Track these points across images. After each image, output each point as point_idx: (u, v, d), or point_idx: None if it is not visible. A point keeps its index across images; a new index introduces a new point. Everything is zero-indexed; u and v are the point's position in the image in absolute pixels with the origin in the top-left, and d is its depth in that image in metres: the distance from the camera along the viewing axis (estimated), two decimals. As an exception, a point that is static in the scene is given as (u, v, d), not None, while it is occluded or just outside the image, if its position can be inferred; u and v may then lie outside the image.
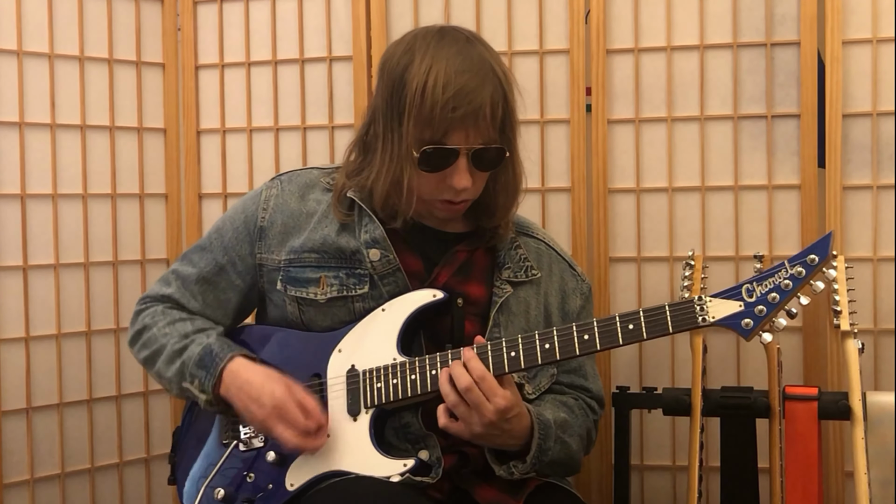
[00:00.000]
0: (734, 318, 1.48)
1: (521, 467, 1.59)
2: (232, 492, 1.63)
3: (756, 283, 1.48)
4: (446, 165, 1.59)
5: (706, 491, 1.95)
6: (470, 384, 1.49)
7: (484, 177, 1.65)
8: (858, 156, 2.08)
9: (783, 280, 1.47)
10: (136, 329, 1.77)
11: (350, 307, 1.67)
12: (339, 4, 2.30)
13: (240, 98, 2.36)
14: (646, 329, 1.50)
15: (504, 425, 1.52)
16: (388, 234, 1.68)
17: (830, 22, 2.06)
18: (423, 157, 1.59)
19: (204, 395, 1.64)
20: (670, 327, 1.50)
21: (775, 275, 1.48)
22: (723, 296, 1.49)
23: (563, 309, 1.76)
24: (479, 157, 1.60)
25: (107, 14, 2.31)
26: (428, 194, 1.63)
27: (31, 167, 2.21)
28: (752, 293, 1.48)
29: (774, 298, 1.47)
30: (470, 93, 1.56)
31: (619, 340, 1.51)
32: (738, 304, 1.48)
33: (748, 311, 1.48)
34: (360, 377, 1.61)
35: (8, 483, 2.18)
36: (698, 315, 1.49)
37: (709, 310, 1.49)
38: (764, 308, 1.47)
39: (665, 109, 2.17)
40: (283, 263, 1.70)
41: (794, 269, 1.47)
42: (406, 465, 1.56)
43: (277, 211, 1.73)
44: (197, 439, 1.73)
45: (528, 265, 1.74)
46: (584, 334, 1.53)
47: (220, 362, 1.64)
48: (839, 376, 2.04)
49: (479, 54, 1.60)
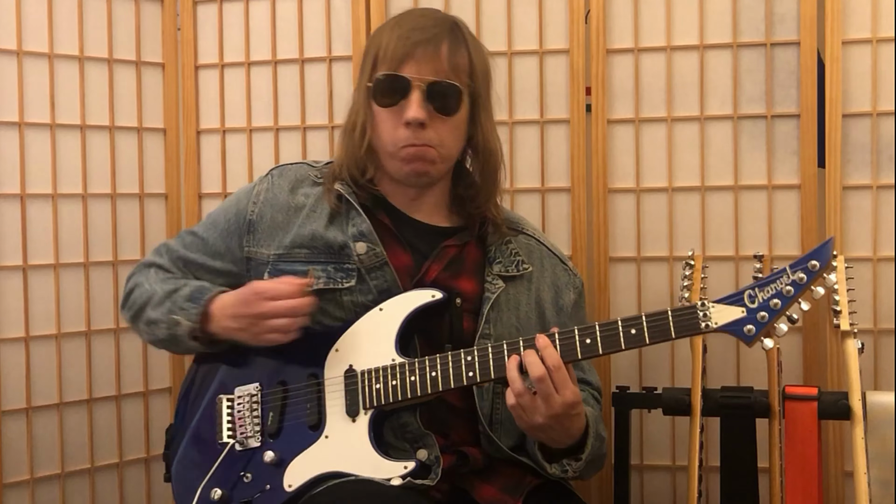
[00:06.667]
0: (737, 324, 1.49)
1: (576, 465, 1.60)
2: (229, 492, 1.63)
3: (758, 289, 1.49)
4: (400, 98, 1.62)
5: (706, 491, 1.95)
6: (543, 374, 1.49)
7: (444, 124, 1.65)
8: (858, 156, 2.08)
9: (785, 286, 1.48)
10: (128, 289, 1.81)
11: (338, 301, 1.66)
12: (339, 4, 2.30)
13: (239, 98, 2.36)
14: (648, 334, 1.51)
15: (565, 421, 1.53)
16: (377, 227, 1.68)
17: (830, 22, 2.06)
18: (375, 87, 1.64)
19: (189, 323, 1.66)
20: (673, 333, 1.50)
21: (777, 280, 1.48)
22: (725, 301, 1.50)
23: (556, 304, 1.76)
24: (433, 93, 1.62)
25: (107, 14, 2.31)
26: (391, 142, 1.65)
27: (31, 167, 2.21)
28: (754, 299, 1.48)
29: (776, 304, 1.48)
30: (428, 28, 1.65)
31: (621, 345, 1.52)
32: (740, 310, 1.49)
33: (750, 317, 1.48)
34: (358, 378, 1.61)
35: (8, 483, 2.18)
36: (701, 321, 1.50)
37: (711, 316, 1.49)
38: (766, 314, 1.48)
39: (665, 109, 2.17)
40: (272, 258, 1.71)
41: (795, 274, 1.48)
42: (406, 467, 1.55)
43: (267, 205, 1.74)
44: (192, 439, 1.72)
45: (520, 259, 1.74)
46: (586, 338, 1.53)
47: (208, 293, 1.68)
48: (839, 376, 2.04)
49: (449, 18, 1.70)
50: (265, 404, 1.65)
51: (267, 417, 1.64)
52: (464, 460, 1.65)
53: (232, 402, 1.67)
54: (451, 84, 1.63)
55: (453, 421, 1.67)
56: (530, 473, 1.68)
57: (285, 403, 1.64)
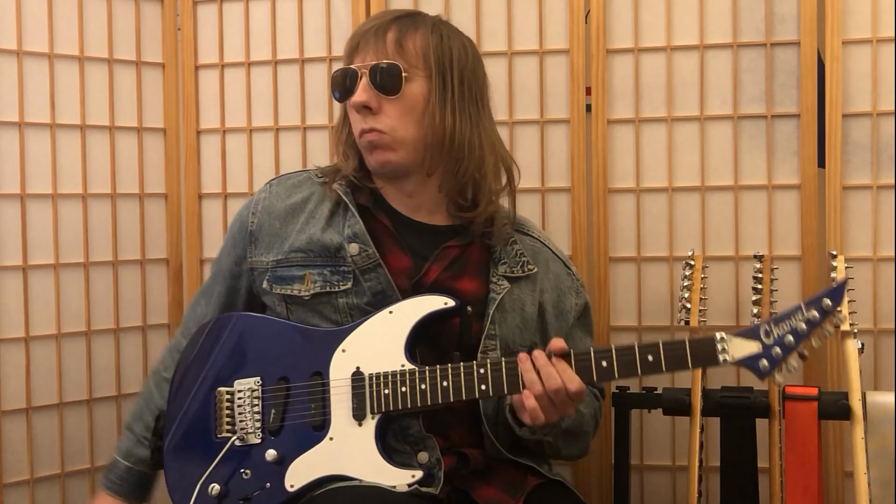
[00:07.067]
0: (752, 358, 1.51)
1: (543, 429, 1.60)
2: (227, 489, 1.61)
3: (773, 325, 1.50)
4: (352, 89, 1.65)
5: (706, 491, 1.95)
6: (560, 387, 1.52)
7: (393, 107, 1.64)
8: (858, 156, 2.08)
9: (799, 323, 1.50)
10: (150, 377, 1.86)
11: (334, 304, 1.66)
12: (339, 4, 2.30)
13: (240, 98, 2.36)
14: (665, 362, 1.51)
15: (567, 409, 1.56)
16: (377, 229, 1.68)
17: (830, 22, 2.06)
18: (332, 84, 1.69)
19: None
20: (689, 363, 1.52)
21: (792, 317, 1.50)
22: (743, 335, 1.51)
23: (558, 307, 1.76)
24: (375, 75, 1.63)
25: (107, 14, 2.31)
26: (356, 134, 1.68)
27: (31, 167, 2.21)
28: (769, 334, 1.50)
29: (790, 341, 1.50)
30: (378, 19, 1.68)
31: (637, 371, 1.52)
32: (756, 345, 1.51)
33: (766, 353, 1.50)
34: (365, 381, 1.59)
35: (8, 483, 2.18)
36: (719, 354, 1.51)
37: (729, 349, 1.51)
38: (780, 350, 1.50)
39: (665, 109, 2.17)
40: (271, 265, 1.71)
41: (809, 312, 1.49)
42: (414, 476, 1.54)
43: (265, 213, 1.74)
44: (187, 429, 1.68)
45: (525, 260, 1.73)
46: (602, 360, 1.53)
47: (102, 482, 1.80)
48: (839, 376, 2.04)
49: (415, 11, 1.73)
50: (266, 400, 1.64)
51: (268, 414, 1.63)
52: (464, 461, 1.65)
53: (232, 396, 1.66)
54: (390, 63, 1.63)
55: (454, 422, 1.66)
56: (531, 474, 1.68)
57: (287, 401, 1.63)
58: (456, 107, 1.65)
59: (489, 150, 1.69)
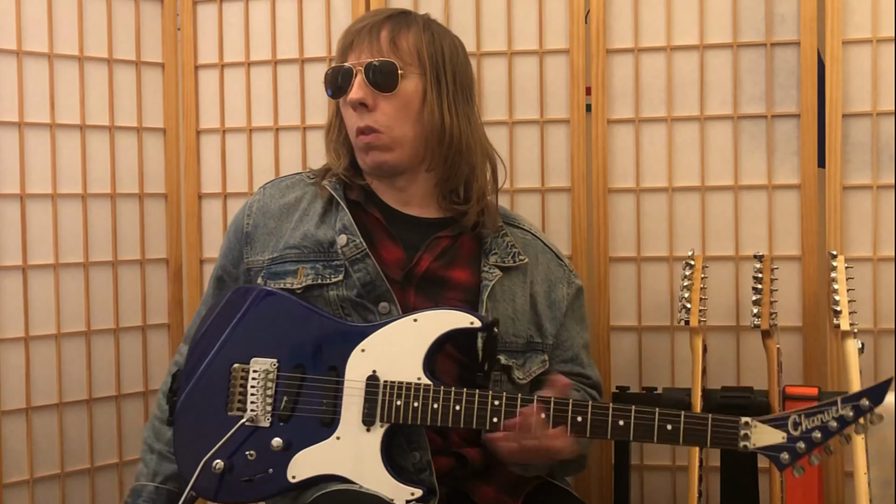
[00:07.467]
0: (774, 448, 1.46)
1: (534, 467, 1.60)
2: (231, 466, 1.60)
3: (804, 416, 1.45)
4: (346, 87, 1.67)
5: (706, 491, 1.95)
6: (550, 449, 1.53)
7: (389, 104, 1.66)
8: (858, 156, 2.08)
9: (831, 419, 1.44)
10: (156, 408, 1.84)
11: (325, 297, 1.66)
12: (339, 4, 2.30)
13: (239, 98, 2.36)
14: (683, 435, 1.49)
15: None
16: (369, 223, 1.70)
17: (830, 22, 2.06)
18: (325, 82, 1.71)
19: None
20: (708, 441, 1.49)
21: (825, 412, 1.45)
22: (770, 423, 1.47)
23: (549, 297, 1.76)
24: (370, 72, 1.65)
25: (106, 14, 2.30)
26: (351, 133, 1.70)
27: (31, 167, 2.21)
28: (797, 426, 1.45)
29: (817, 437, 1.45)
30: (370, 17, 1.71)
31: (653, 437, 1.50)
32: (781, 435, 1.46)
33: (789, 446, 1.46)
34: (380, 387, 1.58)
35: (8, 483, 2.18)
36: (741, 440, 1.47)
37: (752, 436, 1.47)
38: (804, 445, 1.45)
39: (665, 109, 2.17)
40: (266, 263, 1.72)
41: (844, 409, 1.44)
42: (413, 493, 1.54)
43: (260, 213, 1.76)
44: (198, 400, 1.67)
45: (516, 251, 1.74)
46: (619, 419, 1.51)
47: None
48: (839, 376, 2.04)
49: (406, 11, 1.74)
50: (280, 385, 1.62)
51: (280, 400, 1.61)
52: (462, 462, 1.65)
53: (247, 374, 1.63)
54: (386, 61, 1.65)
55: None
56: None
57: (300, 391, 1.61)
58: (451, 103, 1.69)
59: (480, 146, 1.74)
